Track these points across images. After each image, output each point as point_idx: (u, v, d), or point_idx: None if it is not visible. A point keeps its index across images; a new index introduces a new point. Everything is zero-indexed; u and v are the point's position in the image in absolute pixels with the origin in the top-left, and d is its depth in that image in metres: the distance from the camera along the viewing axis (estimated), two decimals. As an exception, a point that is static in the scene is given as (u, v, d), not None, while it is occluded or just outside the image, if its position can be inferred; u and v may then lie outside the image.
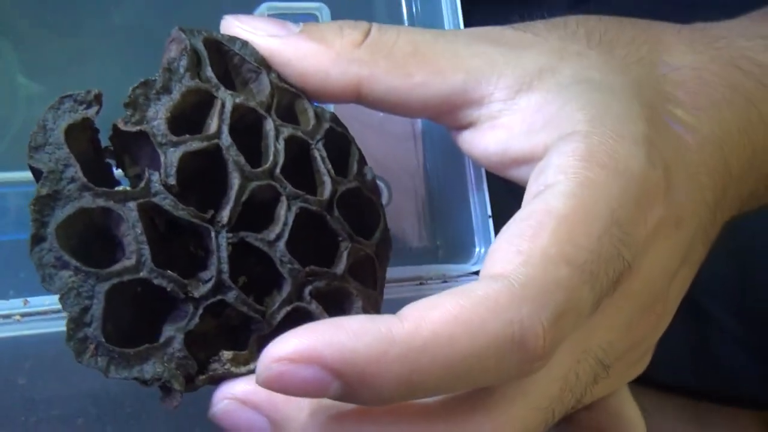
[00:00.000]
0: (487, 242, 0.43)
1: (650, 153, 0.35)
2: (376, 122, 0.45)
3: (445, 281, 0.41)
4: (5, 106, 0.42)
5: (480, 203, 0.43)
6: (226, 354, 0.33)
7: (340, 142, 0.38)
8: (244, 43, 0.37)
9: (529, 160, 0.36)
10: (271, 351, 0.28)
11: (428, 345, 0.28)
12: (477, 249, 0.43)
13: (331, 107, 0.40)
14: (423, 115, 0.39)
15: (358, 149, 0.39)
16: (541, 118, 0.36)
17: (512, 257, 0.31)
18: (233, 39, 0.37)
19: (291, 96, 0.38)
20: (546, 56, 0.38)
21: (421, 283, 0.41)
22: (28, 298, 0.37)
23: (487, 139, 0.38)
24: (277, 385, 0.28)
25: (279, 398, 0.31)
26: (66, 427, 0.41)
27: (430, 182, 0.45)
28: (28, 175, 0.41)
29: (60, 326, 0.37)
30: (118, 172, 0.36)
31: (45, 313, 0.37)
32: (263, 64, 0.37)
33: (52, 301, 0.37)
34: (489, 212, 0.43)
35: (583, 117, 0.35)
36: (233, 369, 0.33)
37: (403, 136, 0.46)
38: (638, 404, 0.42)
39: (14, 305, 0.37)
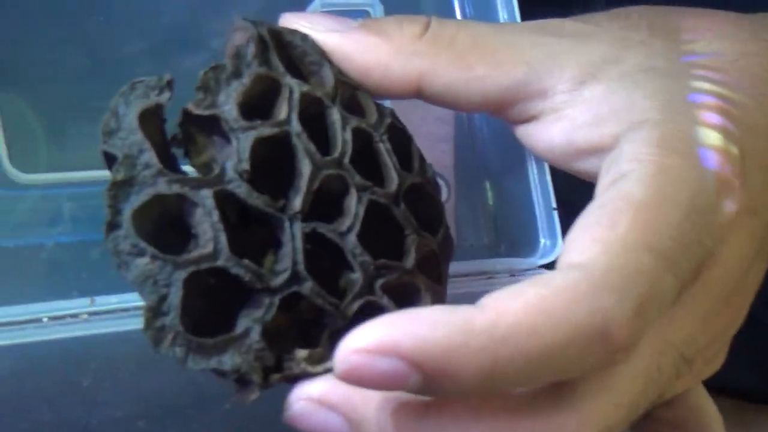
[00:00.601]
0: (552, 235, 0.42)
1: (725, 140, 0.34)
2: (430, 120, 0.44)
3: (513, 275, 0.41)
4: (61, 105, 0.42)
5: (543, 196, 0.42)
6: (301, 353, 0.33)
7: (400, 138, 0.38)
8: (304, 37, 0.37)
9: (597, 151, 0.35)
10: (349, 343, 0.27)
11: (510, 336, 0.28)
12: (542, 242, 0.42)
13: (387, 104, 0.40)
14: (483, 109, 0.38)
15: (417, 147, 0.39)
16: (607, 109, 0.35)
17: (591, 245, 0.30)
18: (294, 32, 0.37)
19: (352, 90, 0.37)
20: (609, 46, 0.37)
21: (489, 278, 0.41)
22: (95, 298, 0.37)
23: (551, 132, 0.37)
24: (356, 377, 0.27)
25: (357, 397, 0.31)
26: (128, 430, 0.41)
27: (491, 177, 0.45)
28: (81, 175, 0.41)
29: (127, 325, 0.37)
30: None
31: (113, 311, 0.37)
32: (324, 57, 0.37)
33: (119, 300, 0.37)
34: (553, 204, 0.42)
35: (653, 104, 0.34)
36: (309, 368, 0.32)
37: (459, 133, 0.46)
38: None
39: (81, 304, 0.37)
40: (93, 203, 0.41)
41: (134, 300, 0.36)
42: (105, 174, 0.33)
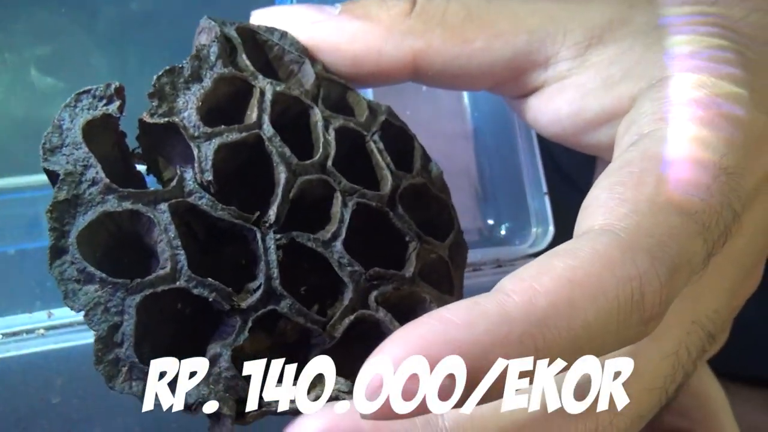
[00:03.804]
0: (544, 221, 0.40)
1: (753, 97, 0.32)
2: (424, 119, 0.42)
3: (500, 266, 0.39)
4: (22, 103, 0.40)
5: (534, 181, 0.40)
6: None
7: (399, 137, 0.35)
8: (283, 34, 0.34)
9: (610, 118, 0.34)
10: (370, 374, 0.24)
11: (549, 316, 0.25)
12: (534, 229, 0.40)
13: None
14: (484, 84, 0.36)
15: (421, 145, 0.36)
16: (619, 70, 0.33)
17: (616, 206, 0.28)
18: (271, 29, 0.34)
19: (341, 88, 0.34)
20: (613, 6, 0.35)
21: (474, 270, 0.38)
22: (53, 310, 0.35)
23: (557, 103, 0.35)
24: (388, 414, 0.24)
25: (383, 423, 0.28)
26: (109, 448, 0.39)
27: (481, 163, 0.42)
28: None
29: (88, 338, 0.35)
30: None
31: (72, 325, 0.35)
32: (306, 54, 0.34)
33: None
34: (544, 189, 0.39)
35: (670, 60, 0.32)
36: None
37: (450, 120, 0.43)
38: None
39: (38, 319, 0.35)
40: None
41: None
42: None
